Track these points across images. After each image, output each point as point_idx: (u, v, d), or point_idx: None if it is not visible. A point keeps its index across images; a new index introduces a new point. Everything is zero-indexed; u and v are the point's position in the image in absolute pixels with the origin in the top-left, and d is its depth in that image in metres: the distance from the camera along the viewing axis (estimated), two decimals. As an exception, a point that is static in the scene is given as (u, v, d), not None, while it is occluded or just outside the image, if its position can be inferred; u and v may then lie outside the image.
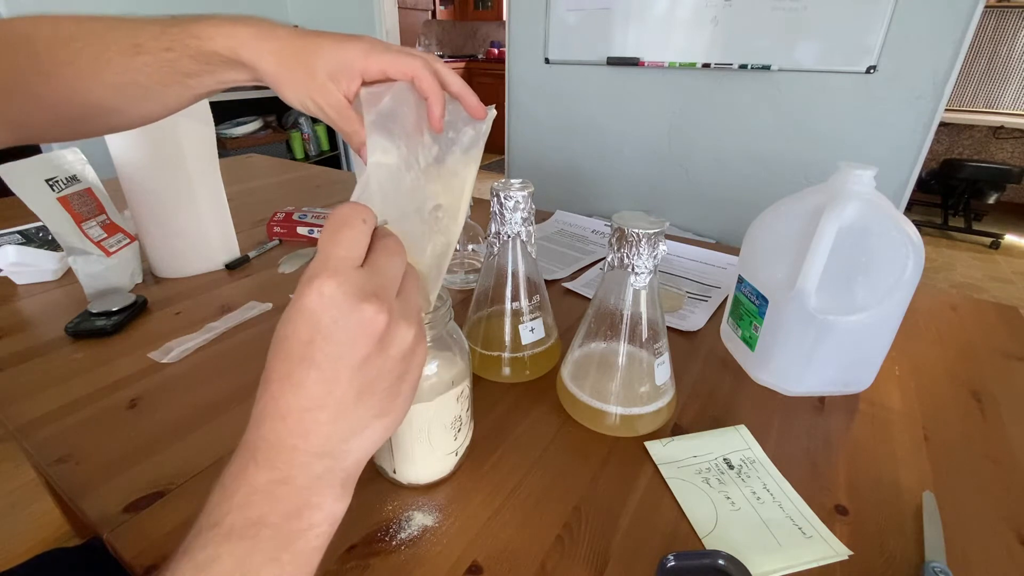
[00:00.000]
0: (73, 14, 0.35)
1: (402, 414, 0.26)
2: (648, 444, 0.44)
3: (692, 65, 1.76)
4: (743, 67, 1.68)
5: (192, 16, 0.35)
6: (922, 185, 3.16)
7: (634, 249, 0.39)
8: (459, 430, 0.39)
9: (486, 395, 0.49)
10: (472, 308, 0.53)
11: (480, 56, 5.02)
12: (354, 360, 0.23)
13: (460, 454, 0.40)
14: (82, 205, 0.66)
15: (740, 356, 0.56)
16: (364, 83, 0.35)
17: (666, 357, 0.44)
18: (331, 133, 2.89)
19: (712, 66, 1.73)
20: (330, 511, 0.23)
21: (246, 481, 0.22)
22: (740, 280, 0.55)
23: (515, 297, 0.49)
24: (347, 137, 0.37)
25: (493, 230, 0.47)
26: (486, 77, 4.71)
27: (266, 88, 0.36)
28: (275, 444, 0.23)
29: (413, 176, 0.34)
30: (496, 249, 0.48)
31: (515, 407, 0.48)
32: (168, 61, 0.34)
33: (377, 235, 0.25)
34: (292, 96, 0.36)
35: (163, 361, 0.53)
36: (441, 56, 4.91)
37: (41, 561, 0.47)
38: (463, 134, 0.36)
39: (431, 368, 0.35)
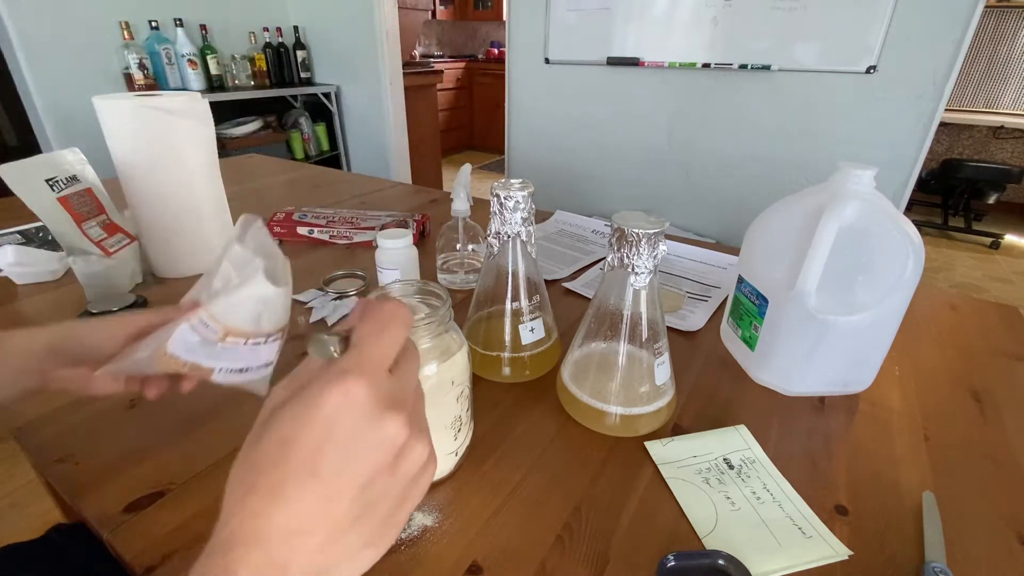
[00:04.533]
0: None
1: (388, 545, 0.22)
2: (648, 444, 0.44)
3: (692, 65, 1.76)
4: (743, 67, 1.68)
5: None
6: (922, 185, 3.16)
7: (634, 249, 0.39)
8: (459, 430, 0.39)
9: (486, 395, 0.49)
10: (472, 308, 0.53)
11: (480, 56, 5.02)
12: (364, 477, 0.19)
13: (460, 454, 0.40)
14: (82, 205, 0.66)
15: (740, 356, 0.56)
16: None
17: (666, 357, 0.44)
18: (331, 133, 2.89)
19: (712, 66, 1.72)
20: None
21: None
22: (740, 280, 0.55)
23: (515, 297, 0.49)
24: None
25: (493, 230, 0.47)
26: (486, 77, 4.71)
27: (266, 88, 0.36)
28: (265, 548, 0.18)
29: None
30: (496, 249, 0.48)
31: (515, 407, 0.48)
32: None
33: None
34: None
35: None
36: (441, 56, 4.91)
37: (47, 536, 0.48)
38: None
39: (431, 368, 0.35)
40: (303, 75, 2.69)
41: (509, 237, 0.47)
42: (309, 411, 0.19)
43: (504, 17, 2.23)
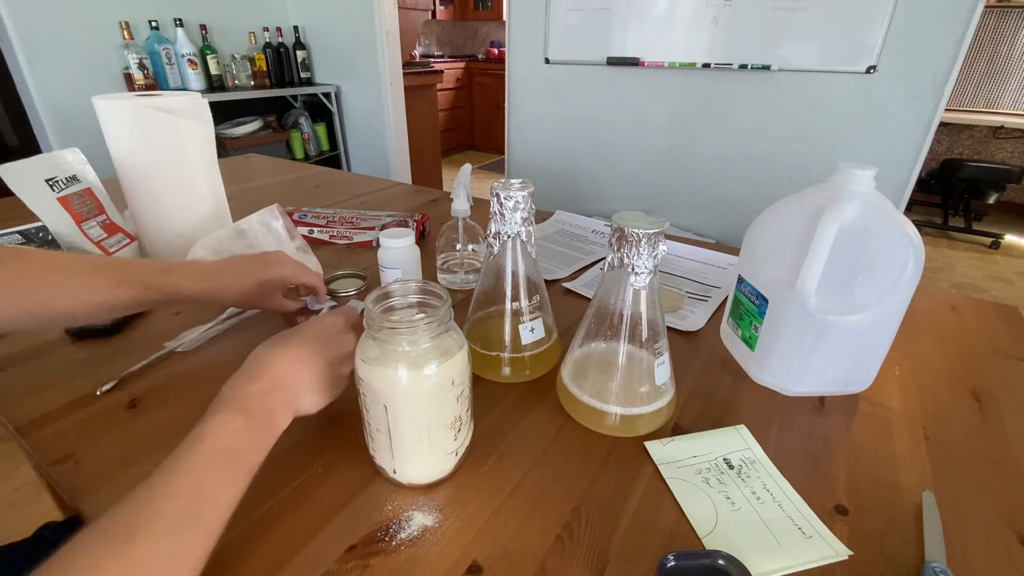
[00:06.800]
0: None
1: (331, 384, 0.40)
2: (648, 444, 0.44)
3: (692, 65, 1.76)
4: (743, 67, 1.68)
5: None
6: (922, 185, 3.16)
7: (634, 249, 0.39)
8: (459, 430, 0.39)
9: (486, 395, 0.49)
10: (472, 308, 0.53)
11: (480, 56, 5.02)
12: (329, 355, 0.40)
13: (460, 454, 0.40)
14: (82, 205, 0.66)
15: (740, 356, 0.56)
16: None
17: (666, 357, 0.44)
18: (331, 133, 2.89)
19: (712, 66, 1.72)
20: (281, 419, 0.36)
21: (248, 385, 0.36)
22: (740, 280, 0.55)
23: (515, 297, 0.49)
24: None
25: (493, 230, 0.47)
26: (486, 77, 4.71)
27: (266, 88, 0.37)
28: (267, 369, 0.37)
29: None
30: (496, 249, 0.48)
31: (515, 407, 0.48)
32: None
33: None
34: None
35: (178, 349, 0.54)
36: (441, 56, 4.91)
37: (39, 534, 0.50)
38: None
39: (431, 368, 0.35)
40: (303, 75, 2.69)
41: (509, 237, 0.47)
42: (309, 324, 0.41)
43: (504, 17, 2.23)
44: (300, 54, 2.65)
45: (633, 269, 0.39)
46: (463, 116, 4.94)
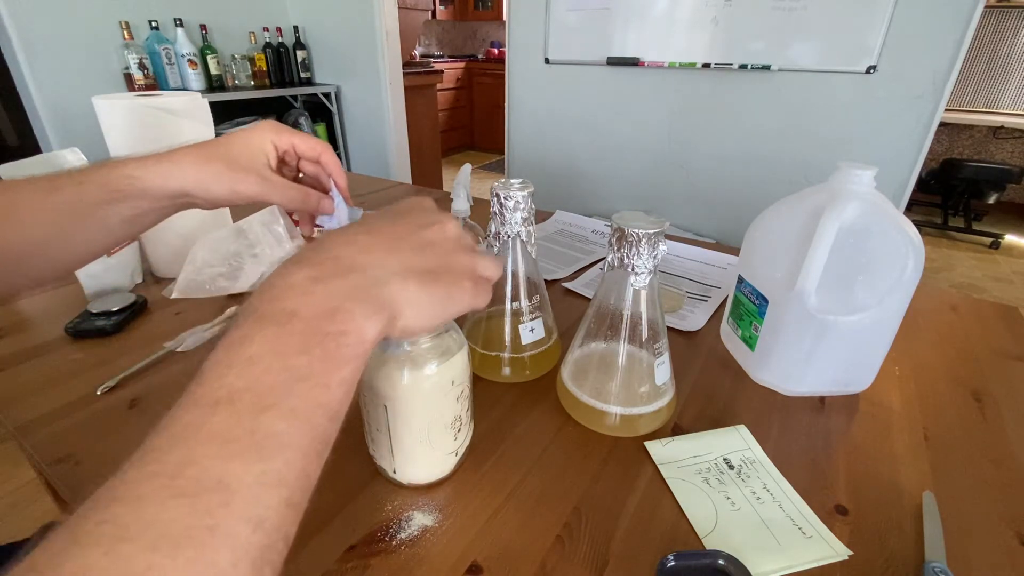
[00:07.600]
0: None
1: (431, 295, 0.25)
2: (648, 444, 0.44)
3: (692, 65, 1.76)
4: (743, 67, 1.68)
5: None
6: (922, 185, 3.16)
7: (634, 249, 0.39)
8: (459, 430, 0.39)
9: (486, 395, 0.49)
10: (472, 308, 0.53)
11: (480, 56, 5.02)
12: (421, 226, 0.28)
13: (460, 454, 0.40)
14: (82, 205, 0.66)
15: (740, 356, 0.56)
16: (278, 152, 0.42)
17: (666, 357, 0.44)
18: (331, 133, 2.89)
19: (712, 66, 1.72)
20: (360, 325, 0.22)
21: (285, 278, 0.23)
22: (740, 280, 0.55)
23: (515, 297, 0.49)
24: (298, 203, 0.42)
25: (493, 230, 0.47)
26: (486, 77, 4.71)
27: (266, 88, 0.37)
28: (322, 250, 0.24)
29: None
30: (496, 249, 0.48)
31: (515, 407, 0.48)
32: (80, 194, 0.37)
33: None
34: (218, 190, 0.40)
35: (178, 349, 0.54)
36: (441, 56, 4.91)
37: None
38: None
39: (431, 368, 0.35)
40: (303, 75, 2.69)
41: (509, 237, 0.47)
42: (387, 208, 0.29)
43: (504, 17, 2.23)
44: (300, 54, 2.65)
45: (633, 269, 0.39)
46: (463, 116, 4.94)
